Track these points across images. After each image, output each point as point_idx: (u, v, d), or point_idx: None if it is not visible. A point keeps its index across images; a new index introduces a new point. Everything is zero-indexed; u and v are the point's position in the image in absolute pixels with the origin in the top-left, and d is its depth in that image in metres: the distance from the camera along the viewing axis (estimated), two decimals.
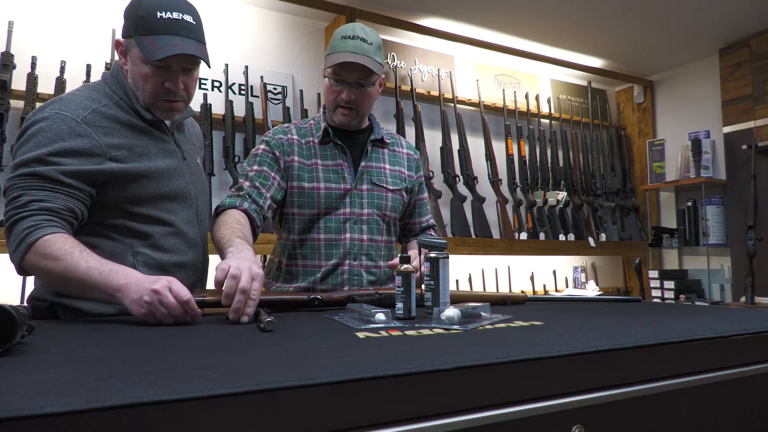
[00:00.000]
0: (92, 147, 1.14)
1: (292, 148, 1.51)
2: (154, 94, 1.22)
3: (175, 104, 1.25)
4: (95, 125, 1.16)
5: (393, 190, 1.57)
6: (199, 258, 1.34)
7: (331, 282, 1.48)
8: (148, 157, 1.22)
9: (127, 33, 1.19)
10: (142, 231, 1.22)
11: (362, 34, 1.44)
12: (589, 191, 3.66)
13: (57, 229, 1.08)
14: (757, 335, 0.93)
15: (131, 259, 1.20)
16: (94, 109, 1.18)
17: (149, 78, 1.20)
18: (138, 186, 1.20)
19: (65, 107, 1.15)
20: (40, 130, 1.12)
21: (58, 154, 1.11)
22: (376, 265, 1.53)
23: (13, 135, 2.13)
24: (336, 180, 1.50)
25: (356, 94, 1.46)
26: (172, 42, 1.15)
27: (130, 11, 1.19)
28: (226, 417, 0.50)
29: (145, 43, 1.15)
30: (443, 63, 3.38)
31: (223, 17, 2.75)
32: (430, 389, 0.61)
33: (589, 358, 0.73)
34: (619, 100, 4.18)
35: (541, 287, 3.55)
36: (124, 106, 1.23)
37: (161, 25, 1.15)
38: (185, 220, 1.30)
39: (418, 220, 1.69)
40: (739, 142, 3.32)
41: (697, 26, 3.22)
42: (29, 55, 2.21)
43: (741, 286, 3.18)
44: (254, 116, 2.65)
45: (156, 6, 1.16)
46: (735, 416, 0.89)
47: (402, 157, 1.64)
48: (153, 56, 1.15)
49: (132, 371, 0.59)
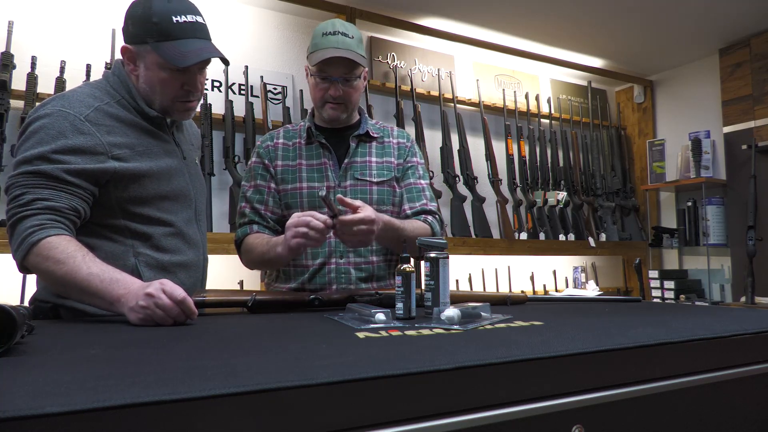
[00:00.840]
0: (95, 145, 1.13)
1: (276, 153, 1.54)
2: (173, 97, 1.23)
3: (192, 103, 1.27)
4: (98, 123, 1.15)
5: (378, 182, 1.53)
6: (199, 257, 1.35)
7: (318, 281, 1.47)
8: (150, 156, 1.22)
9: (140, 39, 1.18)
10: (143, 232, 1.21)
11: (342, 29, 1.45)
12: (589, 191, 3.66)
13: (61, 230, 1.07)
14: (757, 335, 0.93)
15: (133, 260, 1.20)
16: (96, 107, 1.17)
17: (168, 82, 1.20)
18: (139, 186, 1.20)
19: (68, 104, 1.14)
20: (42, 127, 1.11)
21: (62, 152, 1.10)
22: (366, 261, 1.50)
23: (13, 135, 2.13)
24: (319, 179, 1.50)
25: (343, 89, 1.46)
26: (195, 46, 1.17)
27: (141, 17, 1.17)
28: (226, 417, 0.50)
29: (167, 49, 1.15)
30: (443, 63, 3.38)
31: (223, 17, 2.75)
32: (430, 389, 0.61)
33: (589, 358, 0.73)
34: (619, 100, 4.18)
35: (541, 287, 3.55)
36: (127, 105, 1.23)
37: (179, 29, 1.16)
38: (185, 221, 1.30)
39: (408, 206, 1.56)
40: (739, 142, 3.32)
41: (697, 26, 3.22)
42: (29, 55, 2.21)
43: (741, 286, 3.18)
44: (254, 116, 2.65)
45: (169, 11, 1.16)
46: (735, 416, 0.89)
47: (392, 147, 1.59)
48: (182, 63, 1.16)
49: (132, 371, 0.59)
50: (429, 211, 1.57)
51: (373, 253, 1.51)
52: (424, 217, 1.55)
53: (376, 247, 1.51)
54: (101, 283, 1.03)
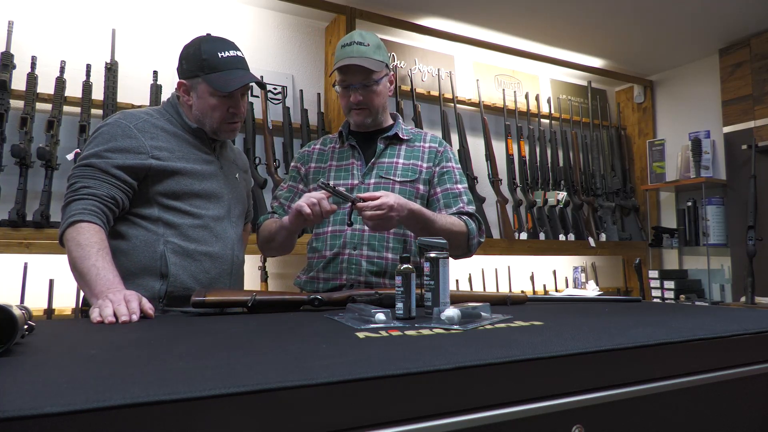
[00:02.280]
0: (138, 146, 1.35)
1: (311, 156, 1.70)
2: (220, 120, 1.44)
3: (236, 124, 1.48)
4: (144, 131, 1.38)
5: (401, 182, 1.58)
6: (227, 252, 1.46)
7: (331, 270, 1.55)
8: (186, 159, 1.42)
9: (193, 74, 1.41)
10: (173, 222, 1.38)
11: (358, 38, 1.56)
12: (589, 191, 3.66)
13: (95, 219, 1.26)
14: (757, 335, 0.93)
15: (162, 247, 1.35)
16: (144, 119, 1.41)
17: (217, 107, 1.42)
18: (174, 181, 1.38)
19: (123, 117, 1.40)
20: (101, 134, 1.36)
21: (111, 151, 1.33)
22: (380, 256, 1.54)
23: (13, 135, 2.13)
24: (345, 177, 1.61)
25: (363, 94, 1.56)
26: (238, 75, 1.41)
27: (192, 56, 1.41)
28: (226, 417, 0.50)
29: (214, 79, 1.39)
30: (443, 63, 3.38)
31: (223, 17, 2.75)
32: (430, 389, 0.61)
33: (589, 358, 0.73)
34: (619, 100, 4.18)
35: (541, 287, 3.55)
36: (173, 121, 1.46)
37: (224, 63, 1.40)
38: (215, 217, 1.44)
39: (445, 211, 1.59)
40: (739, 142, 3.32)
41: (697, 26, 3.22)
42: (29, 55, 2.21)
43: (741, 286, 3.18)
44: (254, 116, 2.65)
45: (215, 48, 1.41)
46: (735, 416, 0.89)
47: (422, 150, 1.65)
48: (227, 89, 1.39)
49: (132, 371, 0.59)
50: (466, 212, 1.60)
51: (388, 250, 1.55)
52: (459, 216, 1.58)
53: (393, 244, 1.55)
54: (95, 276, 1.18)
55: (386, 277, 1.54)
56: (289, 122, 2.71)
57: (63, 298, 2.16)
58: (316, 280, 1.58)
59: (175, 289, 1.34)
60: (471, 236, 1.57)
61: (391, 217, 1.36)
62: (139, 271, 1.33)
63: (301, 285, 1.63)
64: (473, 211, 1.61)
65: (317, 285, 1.57)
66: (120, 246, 1.34)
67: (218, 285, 1.41)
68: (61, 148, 2.20)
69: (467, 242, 1.57)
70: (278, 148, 2.71)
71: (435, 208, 1.61)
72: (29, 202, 2.09)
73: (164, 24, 2.59)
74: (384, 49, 1.60)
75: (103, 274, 1.18)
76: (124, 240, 1.35)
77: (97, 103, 2.30)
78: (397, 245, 1.56)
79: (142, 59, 2.51)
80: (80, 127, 2.23)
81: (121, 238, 1.35)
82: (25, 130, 2.10)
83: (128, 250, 1.34)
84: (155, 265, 1.34)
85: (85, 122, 2.23)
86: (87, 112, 2.26)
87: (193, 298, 1.21)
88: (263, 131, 2.66)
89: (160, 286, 1.33)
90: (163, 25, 2.59)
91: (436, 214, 1.51)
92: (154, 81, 2.43)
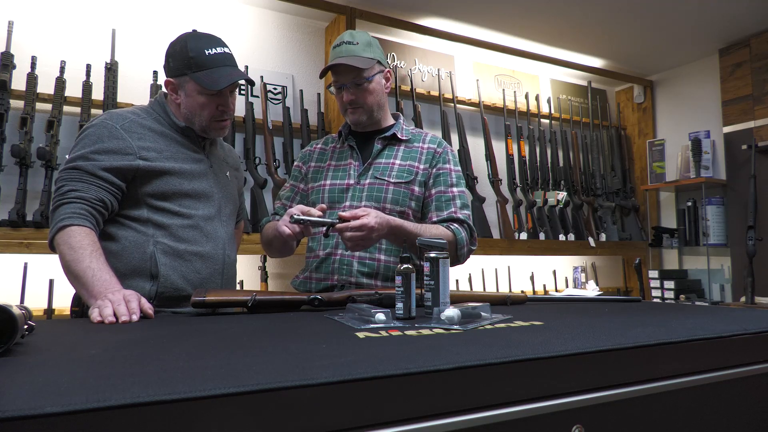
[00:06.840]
0: (125, 147, 1.33)
1: (312, 156, 1.71)
2: (210, 117, 1.42)
3: (226, 122, 1.46)
4: (131, 131, 1.36)
5: (396, 183, 1.56)
6: (218, 251, 1.44)
7: (323, 270, 1.55)
8: (175, 159, 1.40)
9: (180, 72, 1.39)
10: (162, 223, 1.36)
11: (348, 38, 1.56)
12: (589, 191, 3.66)
13: (86, 222, 1.25)
14: (757, 335, 0.93)
15: (151, 248, 1.34)
16: (131, 119, 1.38)
17: (206, 105, 1.40)
18: (162, 182, 1.36)
19: (109, 117, 1.37)
20: (87, 135, 1.34)
21: (97, 152, 1.31)
22: (372, 257, 1.53)
23: (13, 135, 2.13)
24: (342, 177, 1.60)
25: (355, 93, 1.55)
26: (226, 72, 1.38)
27: (179, 53, 1.38)
28: (226, 417, 0.50)
29: (202, 77, 1.36)
30: (443, 63, 3.38)
31: (223, 17, 2.75)
32: (430, 389, 0.61)
33: (589, 358, 0.73)
34: (619, 100, 4.18)
35: (541, 287, 3.55)
36: (161, 120, 1.43)
37: (211, 60, 1.38)
38: (205, 217, 1.43)
39: (435, 214, 1.57)
40: (739, 142, 3.32)
41: (697, 26, 3.22)
42: (29, 55, 2.21)
43: (741, 286, 3.18)
44: (254, 116, 2.65)
45: (202, 46, 1.38)
46: (735, 416, 0.89)
47: (420, 151, 1.62)
48: (215, 86, 1.36)
49: (132, 371, 0.59)
50: (456, 219, 1.56)
51: (381, 252, 1.54)
52: (448, 224, 1.54)
53: (386, 246, 1.55)
54: (92, 278, 1.18)
55: (378, 279, 1.53)
56: (289, 122, 2.71)
57: (63, 298, 2.16)
58: (309, 281, 1.58)
59: (166, 289, 1.33)
60: (459, 246, 1.53)
61: (371, 238, 1.35)
62: (129, 272, 1.32)
63: (296, 286, 1.62)
64: (465, 218, 1.57)
65: (310, 285, 1.57)
66: (110, 247, 1.32)
67: (209, 285, 1.40)
68: (61, 148, 2.20)
69: (455, 252, 1.53)
70: (278, 148, 2.71)
71: (428, 210, 1.59)
72: (29, 202, 2.09)
73: (164, 24, 2.59)
74: (376, 46, 1.59)
75: (99, 275, 1.18)
76: (113, 241, 1.34)
77: (97, 103, 2.30)
78: (390, 247, 1.55)
79: (142, 59, 2.51)
80: (80, 127, 2.23)
81: (110, 240, 1.34)
82: (25, 130, 2.11)
83: (118, 252, 1.33)
84: (145, 266, 1.32)
85: (85, 122, 2.23)
86: (87, 112, 2.26)
87: (193, 298, 1.21)
88: (263, 131, 2.66)
89: (151, 287, 1.32)
90: (163, 25, 2.59)
91: (420, 227, 1.47)
92: (154, 81, 2.43)
